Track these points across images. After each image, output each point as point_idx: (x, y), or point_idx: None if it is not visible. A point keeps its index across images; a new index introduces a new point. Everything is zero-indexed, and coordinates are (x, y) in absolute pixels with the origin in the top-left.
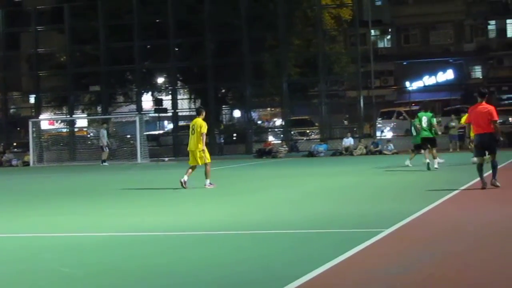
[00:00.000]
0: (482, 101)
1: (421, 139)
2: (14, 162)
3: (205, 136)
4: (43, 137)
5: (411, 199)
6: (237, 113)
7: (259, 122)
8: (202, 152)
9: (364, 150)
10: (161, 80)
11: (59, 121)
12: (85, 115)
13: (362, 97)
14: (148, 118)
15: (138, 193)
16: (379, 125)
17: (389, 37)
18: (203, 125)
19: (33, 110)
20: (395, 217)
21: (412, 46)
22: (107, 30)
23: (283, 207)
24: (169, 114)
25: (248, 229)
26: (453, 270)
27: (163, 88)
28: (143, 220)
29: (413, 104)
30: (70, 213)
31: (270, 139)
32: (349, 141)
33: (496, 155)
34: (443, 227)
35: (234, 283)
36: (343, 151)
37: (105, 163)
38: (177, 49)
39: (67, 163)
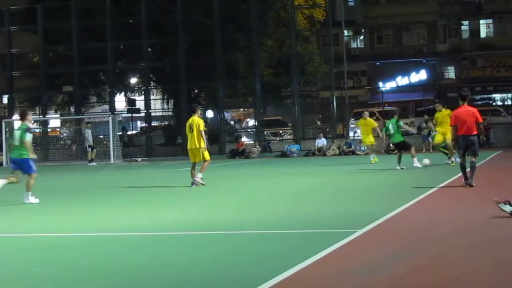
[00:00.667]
0: (464, 103)
1: (394, 145)
2: None
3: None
4: None
5: (384, 199)
6: (210, 114)
7: (232, 123)
8: (204, 149)
9: (337, 150)
10: (134, 81)
11: (32, 121)
12: (58, 115)
13: (335, 97)
14: (121, 119)
15: (110, 193)
16: (352, 126)
17: (362, 37)
18: (201, 122)
19: (6, 110)
20: (368, 218)
21: (385, 46)
22: (80, 30)
23: (254, 207)
24: (142, 115)
25: (217, 229)
26: (425, 270)
27: (136, 88)
28: (113, 220)
29: (386, 105)
30: (42, 214)
31: (243, 139)
32: (322, 142)
33: (476, 157)
34: (416, 227)
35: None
36: (316, 152)
37: (93, 163)
38: (150, 49)
39: (40, 163)
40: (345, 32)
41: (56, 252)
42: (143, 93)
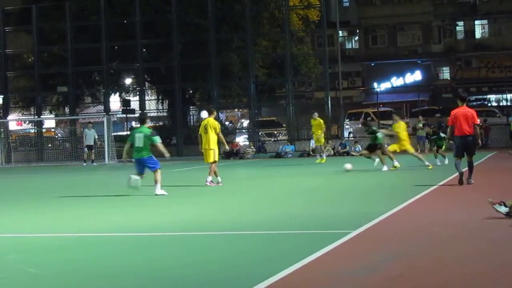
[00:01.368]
0: (463, 105)
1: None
2: None
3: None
4: (11, 138)
5: (379, 200)
6: (204, 114)
7: (227, 123)
8: (213, 150)
9: (332, 151)
10: (128, 81)
11: (27, 122)
12: (53, 115)
13: (329, 98)
14: (115, 119)
15: (104, 193)
16: (346, 126)
17: (356, 38)
18: (216, 125)
19: (1, 111)
20: (362, 218)
21: (380, 47)
22: (74, 31)
23: (248, 208)
24: (137, 115)
25: (213, 230)
26: (420, 271)
27: (130, 89)
28: (109, 221)
29: (380, 106)
30: (35, 214)
31: (237, 140)
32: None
33: (473, 156)
34: (412, 228)
35: (203, 281)
36: (311, 152)
37: (93, 163)
38: (144, 50)
39: (35, 164)
40: (340, 32)
41: (51, 253)
42: (137, 93)
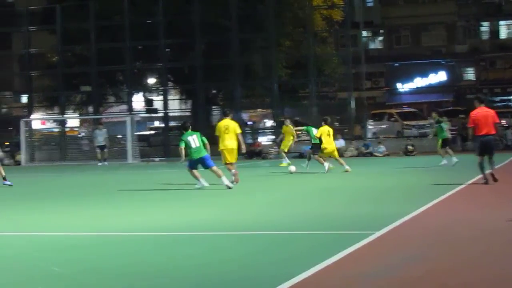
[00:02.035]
0: (481, 105)
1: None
2: (5, 161)
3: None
4: (34, 137)
5: (403, 200)
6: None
7: (249, 123)
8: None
9: (355, 151)
10: (151, 81)
11: (51, 121)
12: (76, 115)
13: (353, 98)
14: (139, 119)
15: (127, 193)
16: (369, 127)
17: (380, 38)
18: (237, 125)
19: (25, 110)
20: (383, 219)
21: (404, 47)
22: (97, 30)
23: (272, 208)
24: (160, 115)
25: (233, 230)
26: (441, 274)
27: (153, 88)
28: (132, 220)
29: (404, 106)
30: (59, 213)
31: (260, 140)
32: (339, 143)
33: (494, 155)
34: (433, 230)
35: (223, 281)
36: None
37: (105, 163)
38: (167, 49)
39: (58, 163)
40: (363, 33)
41: (74, 251)
42: (161, 93)
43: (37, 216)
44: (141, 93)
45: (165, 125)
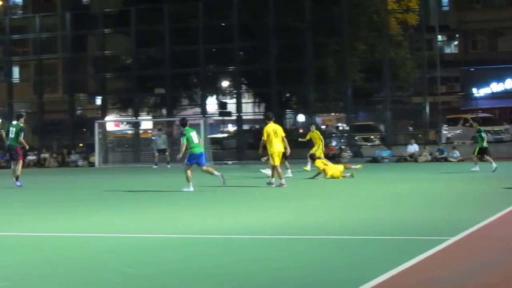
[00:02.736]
0: None
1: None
2: (79, 163)
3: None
4: (108, 139)
5: (477, 207)
6: (301, 118)
7: (323, 127)
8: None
9: (429, 157)
10: (225, 84)
11: (124, 123)
12: (150, 117)
13: (427, 103)
14: (212, 121)
15: (200, 195)
16: (444, 132)
17: (455, 42)
18: (282, 129)
19: (99, 112)
20: (460, 225)
21: (480, 52)
22: (172, 33)
23: (345, 212)
24: (233, 118)
25: (305, 234)
26: None
27: (227, 91)
28: (204, 222)
29: (479, 111)
30: (133, 214)
31: (333, 144)
32: (413, 148)
33: None
34: (508, 237)
35: (299, 285)
36: (408, 158)
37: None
38: (241, 52)
39: (131, 165)
40: (439, 37)
41: (148, 253)
42: (234, 96)
43: (110, 218)
44: (214, 96)
45: (238, 128)
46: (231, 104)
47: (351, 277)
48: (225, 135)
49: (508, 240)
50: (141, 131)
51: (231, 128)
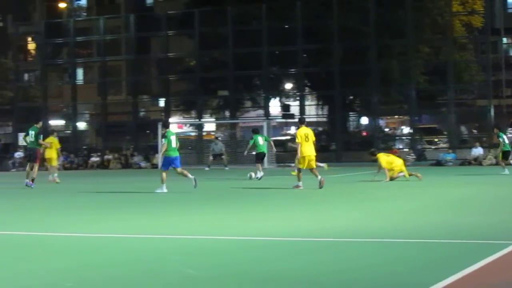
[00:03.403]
0: None
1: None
2: (142, 164)
3: None
4: None
5: None
6: (364, 120)
7: (386, 130)
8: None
9: (494, 160)
10: (288, 86)
11: (188, 125)
12: (213, 119)
13: (492, 106)
14: (275, 124)
15: (261, 197)
16: (509, 135)
17: None
18: (313, 133)
19: (162, 113)
20: None
21: None
22: (235, 35)
23: (408, 215)
24: (296, 120)
25: (367, 237)
26: None
27: (290, 93)
28: (265, 225)
29: None
30: (196, 216)
31: (397, 146)
32: (478, 151)
33: None
34: None
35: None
36: (472, 161)
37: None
38: (304, 55)
39: (194, 167)
40: (504, 39)
41: (212, 255)
42: (297, 98)
43: (173, 219)
44: (277, 98)
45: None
46: (294, 107)
47: (416, 281)
48: (288, 137)
49: None
50: (204, 133)
51: (294, 130)
